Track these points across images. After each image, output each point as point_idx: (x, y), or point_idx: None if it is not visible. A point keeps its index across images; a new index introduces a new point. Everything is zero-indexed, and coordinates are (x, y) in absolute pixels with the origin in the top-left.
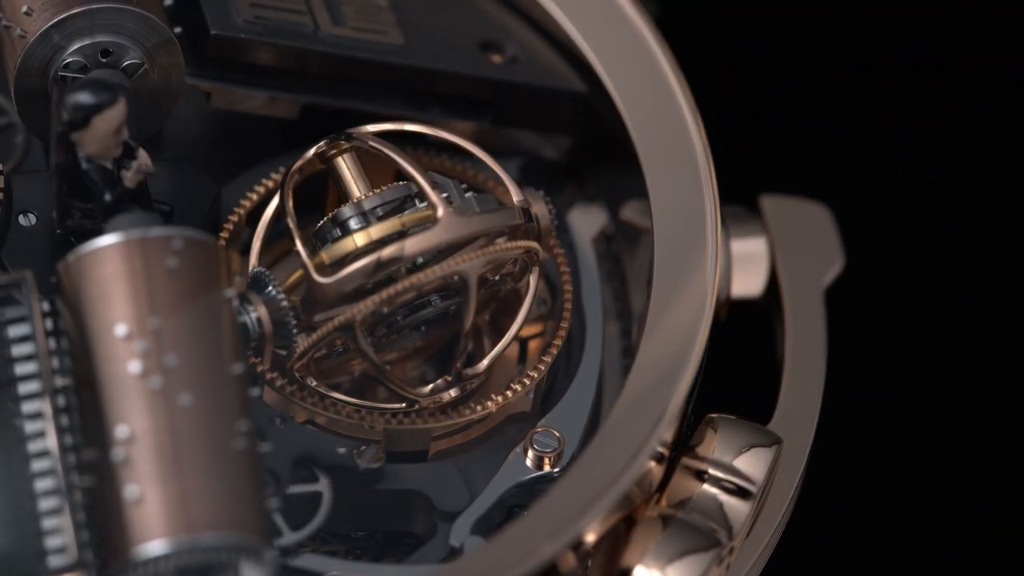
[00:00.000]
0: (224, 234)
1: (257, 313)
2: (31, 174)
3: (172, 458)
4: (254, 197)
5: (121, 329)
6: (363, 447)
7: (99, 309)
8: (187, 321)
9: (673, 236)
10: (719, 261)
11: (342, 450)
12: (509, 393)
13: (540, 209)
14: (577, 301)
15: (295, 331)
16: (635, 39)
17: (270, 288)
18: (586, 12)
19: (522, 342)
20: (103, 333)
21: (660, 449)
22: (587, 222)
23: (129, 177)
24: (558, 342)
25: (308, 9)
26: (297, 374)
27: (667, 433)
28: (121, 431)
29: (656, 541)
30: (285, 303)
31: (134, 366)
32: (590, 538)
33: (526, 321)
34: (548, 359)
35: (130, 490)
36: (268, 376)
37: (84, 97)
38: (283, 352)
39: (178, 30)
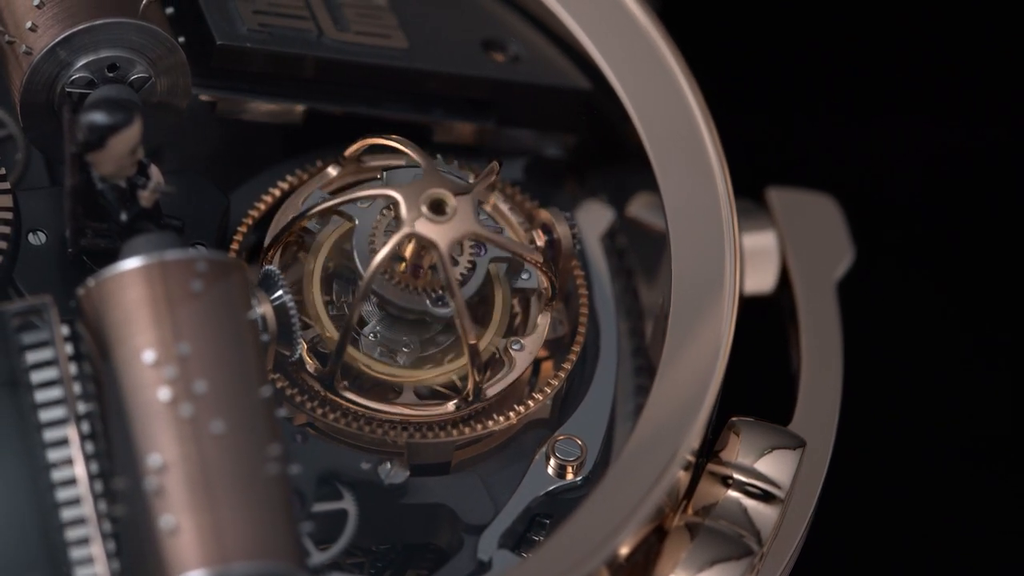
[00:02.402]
0: (234, 246)
1: (262, 311)
2: (35, 191)
3: (206, 487)
4: (262, 207)
5: (148, 356)
6: (386, 461)
7: (124, 335)
8: (215, 346)
9: (689, 237)
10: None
11: (366, 466)
12: (531, 403)
13: (563, 231)
14: (591, 304)
15: (298, 334)
16: (637, 33)
17: (280, 292)
18: (587, 7)
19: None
20: (130, 360)
21: (689, 457)
22: (594, 220)
23: (146, 197)
24: (577, 348)
25: (311, 14)
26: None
27: (697, 441)
28: (154, 460)
29: (687, 551)
30: (293, 308)
31: (163, 393)
32: (624, 551)
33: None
34: (568, 366)
35: (165, 520)
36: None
37: (100, 117)
38: (286, 353)
39: (181, 39)
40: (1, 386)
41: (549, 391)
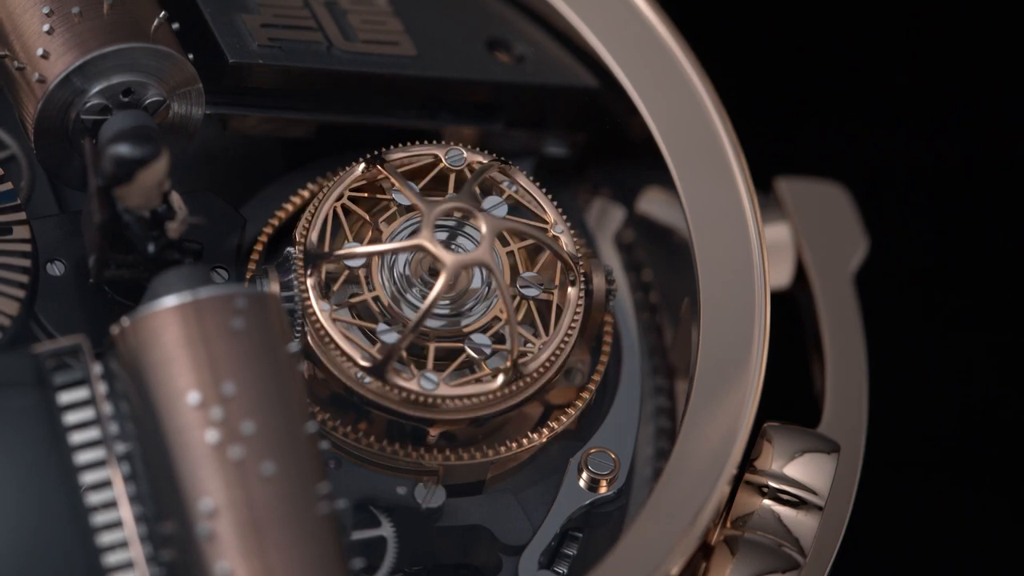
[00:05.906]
0: (251, 265)
1: (269, 291)
2: (49, 219)
3: (258, 531)
4: (275, 222)
5: (193, 397)
6: (420, 483)
7: (165, 376)
8: (259, 384)
9: (712, 236)
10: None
11: (402, 490)
12: (563, 418)
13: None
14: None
15: (299, 323)
16: (643, 27)
17: (294, 289)
18: (592, 3)
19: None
20: (173, 401)
21: (734, 471)
22: (605, 219)
23: (174, 229)
24: (604, 359)
25: (318, 24)
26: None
27: (740, 454)
28: (205, 504)
29: (731, 566)
30: (298, 296)
31: (211, 436)
32: (674, 572)
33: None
34: (597, 377)
35: (221, 567)
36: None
37: (127, 151)
38: None
39: (190, 57)
40: (39, 428)
41: (581, 404)
